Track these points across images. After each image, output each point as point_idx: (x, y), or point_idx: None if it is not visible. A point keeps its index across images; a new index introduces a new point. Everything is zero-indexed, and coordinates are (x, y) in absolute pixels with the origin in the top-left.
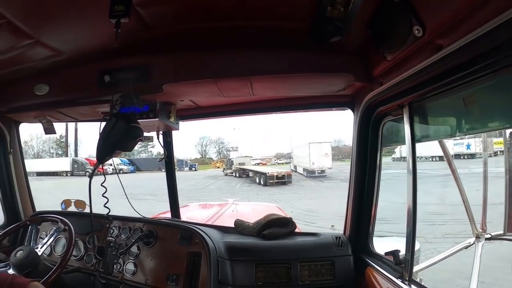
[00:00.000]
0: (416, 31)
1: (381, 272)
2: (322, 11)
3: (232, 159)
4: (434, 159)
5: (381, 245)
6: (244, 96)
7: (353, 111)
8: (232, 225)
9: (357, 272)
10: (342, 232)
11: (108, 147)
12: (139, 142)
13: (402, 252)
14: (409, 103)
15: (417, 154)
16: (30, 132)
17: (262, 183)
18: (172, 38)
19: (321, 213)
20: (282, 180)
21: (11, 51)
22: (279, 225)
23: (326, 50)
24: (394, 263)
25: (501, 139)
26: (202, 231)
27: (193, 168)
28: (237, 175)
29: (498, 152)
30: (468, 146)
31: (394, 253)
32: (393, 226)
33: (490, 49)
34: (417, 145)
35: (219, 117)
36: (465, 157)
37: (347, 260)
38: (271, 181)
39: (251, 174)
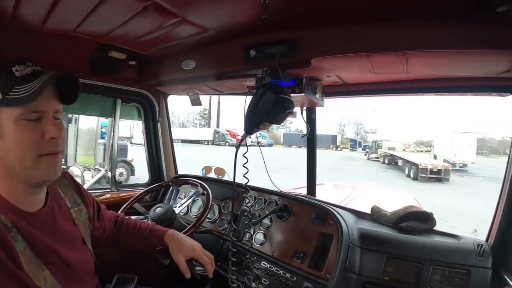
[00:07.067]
0: None
1: None
2: None
3: (379, 142)
4: None
5: None
6: (396, 73)
7: None
8: (366, 211)
9: None
10: (484, 239)
11: (256, 119)
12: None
13: None
14: None
15: None
16: (176, 104)
17: (412, 175)
18: (321, 10)
19: (456, 212)
20: (437, 176)
21: (159, 30)
22: (418, 219)
23: (491, 22)
24: None
25: None
26: (338, 213)
27: (367, 149)
28: (385, 161)
29: None
30: None
31: None
32: None
33: None
34: None
35: (366, 95)
36: None
37: (484, 273)
38: (423, 175)
39: (400, 162)
